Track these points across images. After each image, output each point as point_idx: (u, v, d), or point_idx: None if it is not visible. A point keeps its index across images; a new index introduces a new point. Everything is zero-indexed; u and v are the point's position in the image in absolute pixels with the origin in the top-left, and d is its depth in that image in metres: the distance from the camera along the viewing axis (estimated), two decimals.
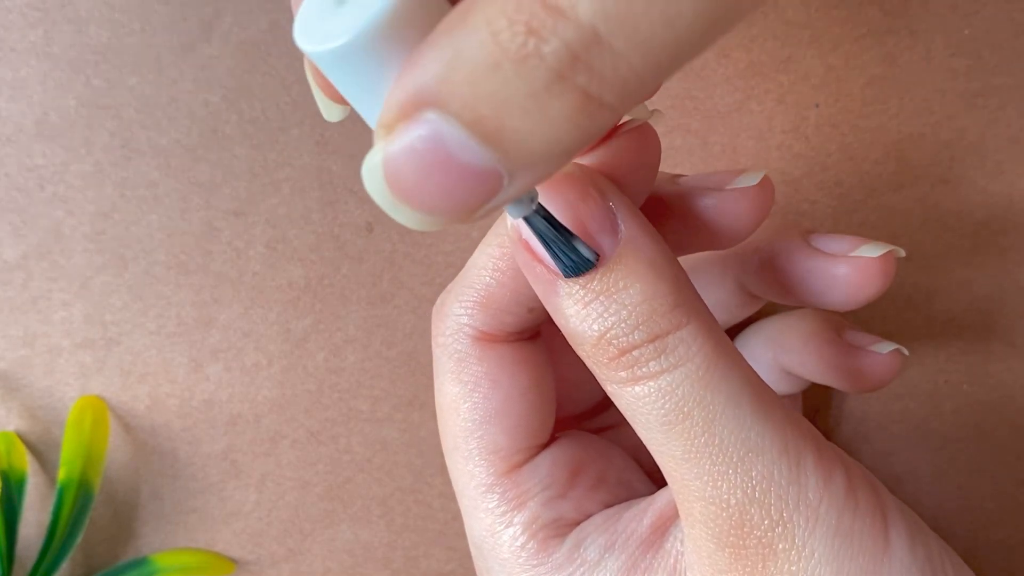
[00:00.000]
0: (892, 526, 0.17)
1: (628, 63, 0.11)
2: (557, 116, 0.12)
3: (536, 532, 0.20)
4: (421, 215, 0.13)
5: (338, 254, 0.30)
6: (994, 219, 0.29)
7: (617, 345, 0.17)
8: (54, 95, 0.29)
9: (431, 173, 0.12)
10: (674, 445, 0.17)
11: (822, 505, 0.17)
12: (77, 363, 0.30)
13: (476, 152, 0.12)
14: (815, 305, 0.24)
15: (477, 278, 0.20)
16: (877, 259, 0.22)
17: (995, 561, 0.30)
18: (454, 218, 0.13)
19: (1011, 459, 0.30)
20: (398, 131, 0.12)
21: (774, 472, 0.17)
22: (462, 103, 0.12)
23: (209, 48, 0.29)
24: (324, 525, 0.31)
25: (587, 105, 0.12)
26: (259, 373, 0.30)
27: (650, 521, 0.19)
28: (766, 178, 0.21)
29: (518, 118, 0.12)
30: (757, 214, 0.21)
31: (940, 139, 0.29)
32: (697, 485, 0.17)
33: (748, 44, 0.29)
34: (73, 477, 0.29)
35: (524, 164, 0.12)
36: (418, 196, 0.12)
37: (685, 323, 0.17)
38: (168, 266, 0.30)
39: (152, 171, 0.29)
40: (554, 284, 0.18)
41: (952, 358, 0.30)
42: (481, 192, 0.12)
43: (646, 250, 0.17)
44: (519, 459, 0.21)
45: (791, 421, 0.18)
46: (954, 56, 0.29)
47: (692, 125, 0.29)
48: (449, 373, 0.21)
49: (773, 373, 0.26)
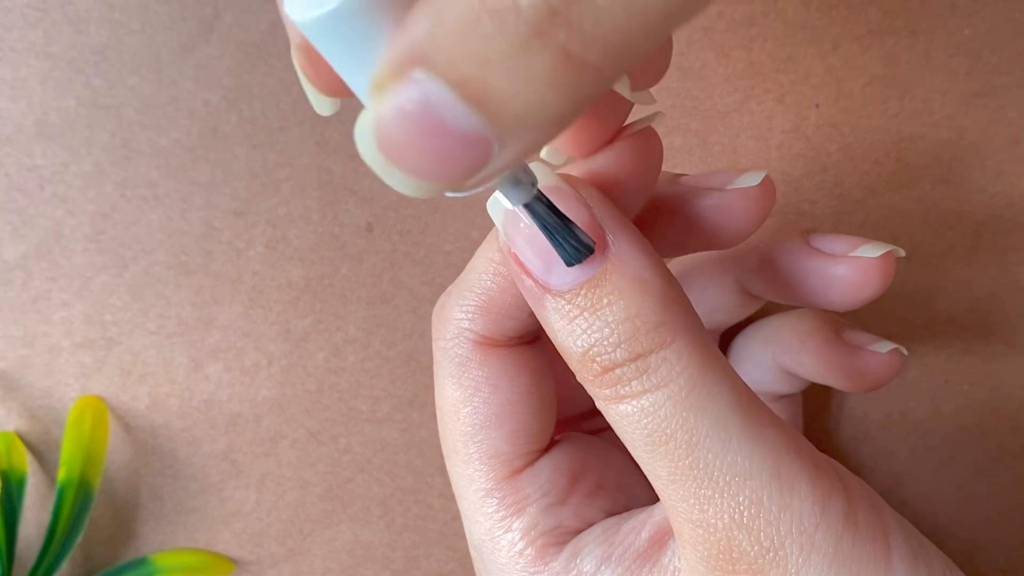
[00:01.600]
0: (894, 549, 0.17)
1: (611, 19, 0.11)
2: (538, 76, 0.11)
3: (535, 539, 0.20)
4: (413, 180, 0.12)
5: (338, 254, 0.30)
6: (994, 219, 0.29)
7: (600, 363, 0.17)
8: (54, 95, 0.29)
9: (421, 135, 0.12)
10: (659, 466, 0.17)
11: (818, 532, 0.16)
12: (77, 363, 0.30)
13: (463, 115, 0.12)
14: (815, 305, 0.23)
15: (478, 282, 0.20)
16: (876, 259, 0.22)
17: (995, 561, 0.30)
18: (445, 184, 0.12)
19: (1011, 459, 0.30)
20: (390, 91, 0.12)
21: (763, 498, 0.16)
22: (447, 62, 0.11)
23: (209, 48, 0.29)
24: (324, 525, 0.31)
25: (568, 64, 0.11)
26: (259, 373, 0.30)
27: (648, 534, 0.19)
28: (767, 178, 0.21)
29: (500, 78, 0.11)
30: (758, 214, 0.21)
31: (940, 139, 0.29)
32: (683, 508, 0.17)
33: (748, 44, 0.29)
34: (73, 477, 0.29)
35: (511, 129, 0.12)
36: (408, 159, 0.12)
37: (670, 342, 0.17)
38: (168, 266, 0.30)
39: (152, 171, 0.29)
40: (542, 298, 0.17)
41: (952, 358, 0.30)
42: (471, 158, 0.12)
43: (633, 265, 0.17)
44: (519, 464, 0.21)
45: (786, 443, 0.17)
46: (954, 56, 0.29)
47: (692, 125, 0.29)
48: (450, 377, 0.21)
49: (772, 373, 0.26)
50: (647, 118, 0.20)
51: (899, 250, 0.23)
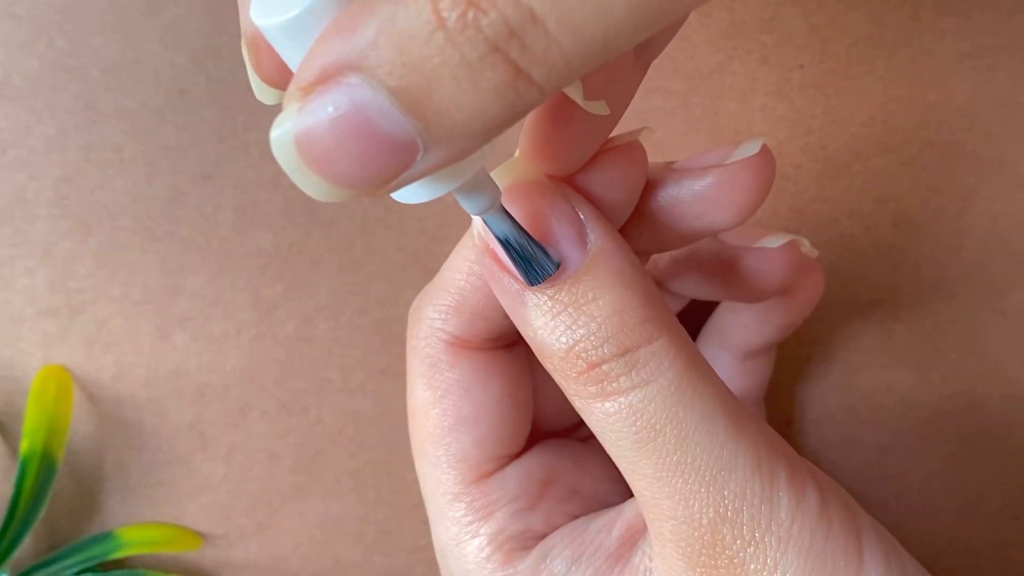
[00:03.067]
0: (867, 547, 0.17)
1: (559, 45, 0.12)
2: (487, 88, 0.12)
3: (501, 544, 0.20)
4: (328, 185, 0.12)
5: (309, 219, 0.29)
6: (984, 183, 0.29)
7: (586, 359, 0.17)
8: (16, 56, 0.28)
9: (346, 141, 0.12)
10: (645, 463, 0.17)
11: (794, 525, 0.17)
12: (40, 332, 0.29)
13: (396, 121, 0.12)
14: (727, 298, 0.24)
15: (452, 282, 0.20)
16: (777, 249, 0.22)
17: (985, 534, 0.29)
18: (362, 190, 0.12)
19: (1000, 429, 0.29)
20: (316, 94, 0.12)
21: (747, 491, 0.17)
22: (390, 69, 0.12)
23: (176, 7, 0.28)
24: (294, 498, 0.30)
25: (517, 80, 0.12)
26: (227, 342, 0.29)
27: (619, 533, 0.19)
28: (765, 146, 0.20)
29: (447, 87, 0.12)
30: (763, 184, 0.20)
31: (928, 101, 0.28)
32: (668, 504, 0.17)
33: (730, 4, 0.28)
34: (36, 449, 0.28)
35: (443, 137, 0.12)
36: (329, 164, 0.12)
37: (656, 337, 0.17)
38: (134, 232, 0.29)
39: (117, 134, 0.29)
40: (521, 295, 0.17)
41: (940, 327, 0.29)
42: (394, 163, 0.12)
43: (616, 261, 0.17)
44: (488, 468, 0.21)
45: (764, 436, 0.17)
46: (943, 16, 0.28)
47: (673, 87, 0.29)
48: (420, 377, 0.21)
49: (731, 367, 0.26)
50: (633, 132, 0.19)
51: (804, 241, 0.23)
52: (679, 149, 0.29)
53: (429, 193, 0.15)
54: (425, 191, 0.15)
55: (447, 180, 0.15)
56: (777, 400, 0.29)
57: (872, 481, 0.29)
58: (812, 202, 0.29)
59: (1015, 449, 0.29)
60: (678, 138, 0.29)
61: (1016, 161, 0.28)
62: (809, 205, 0.29)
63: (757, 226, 0.27)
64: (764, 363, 0.26)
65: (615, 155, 0.19)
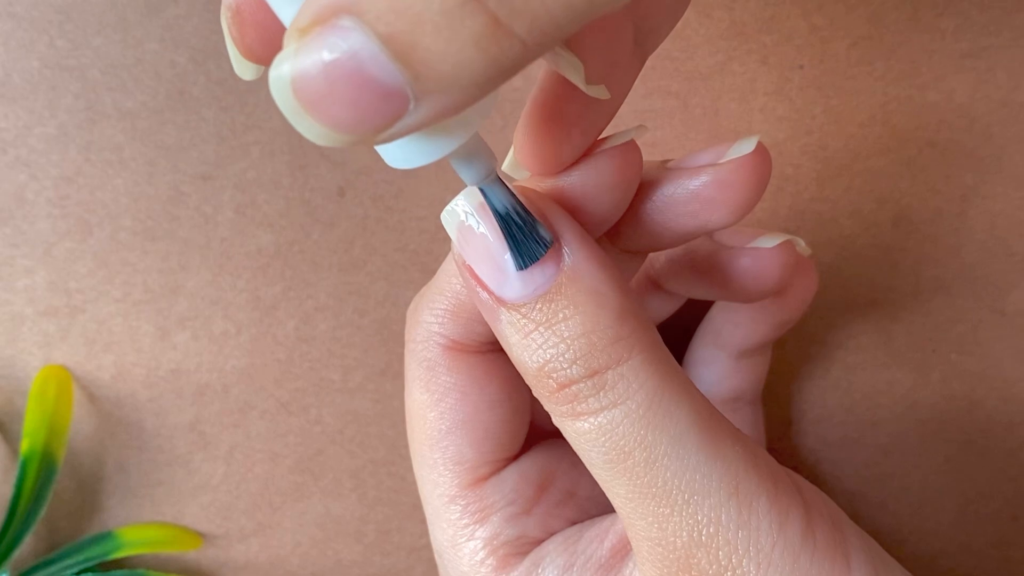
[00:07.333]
0: (855, 568, 0.17)
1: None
2: (467, 38, 0.12)
3: (496, 548, 0.20)
4: (324, 129, 0.12)
5: (309, 219, 0.29)
6: (983, 183, 0.29)
7: (556, 379, 0.17)
8: (16, 56, 0.28)
9: (340, 84, 0.12)
10: (617, 484, 0.17)
11: (775, 550, 0.16)
12: (40, 332, 0.29)
13: (386, 68, 0.12)
14: (723, 297, 0.24)
15: (448, 285, 0.20)
16: (772, 249, 0.22)
17: (985, 534, 0.29)
18: (356, 136, 0.13)
19: (1000, 430, 0.29)
20: (313, 35, 0.12)
21: (722, 516, 0.16)
22: (378, 14, 0.12)
23: (176, 7, 0.28)
24: (294, 498, 0.30)
25: (496, 31, 0.12)
26: (227, 342, 0.29)
27: (611, 544, 0.19)
28: (760, 145, 0.20)
29: (430, 35, 0.12)
30: (759, 182, 0.20)
31: (928, 101, 0.28)
32: (643, 525, 0.17)
33: (730, 3, 0.28)
34: (36, 449, 0.28)
35: (430, 88, 0.12)
36: (323, 107, 0.12)
37: (627, 358, 0.17)
38: (134, 232, 0.29)
39: (117, 134, 0.29)
40: (496, 311, 0.17)
41: (940, 327, 0.29)
42: (385, 111, 0.12)
43: (589, 279, 0.17)
44: (485, 471, 0.21)
45: (745, 458, 0.17)
46: (942, 16, 0.28)
47: (672, 87, 0.29)
48: (418, 380, 0.21)
49: (726, 367, 0.26)
50: (628, 131, 0.19)
51: (799, 240, 0.23)
52: (679, 149, 0.29)
53: (426, 156, 0.15)
54: (422, 154, 0.15)
55: (443, 141, 0.15)
56: (776, 400, 0.29)
57: (872, 481, 0.29)
58: (812, 202, 0.29)
59: (1015, 449, 0.29)
60: (678, 138, 0.29)
61: (1016, 161, 0.28)
62: (809, 205, 0.29)
63: (756, 226, 0.27)
64: (759, 361, 0.26)
65: (610, 156, 0.19)
